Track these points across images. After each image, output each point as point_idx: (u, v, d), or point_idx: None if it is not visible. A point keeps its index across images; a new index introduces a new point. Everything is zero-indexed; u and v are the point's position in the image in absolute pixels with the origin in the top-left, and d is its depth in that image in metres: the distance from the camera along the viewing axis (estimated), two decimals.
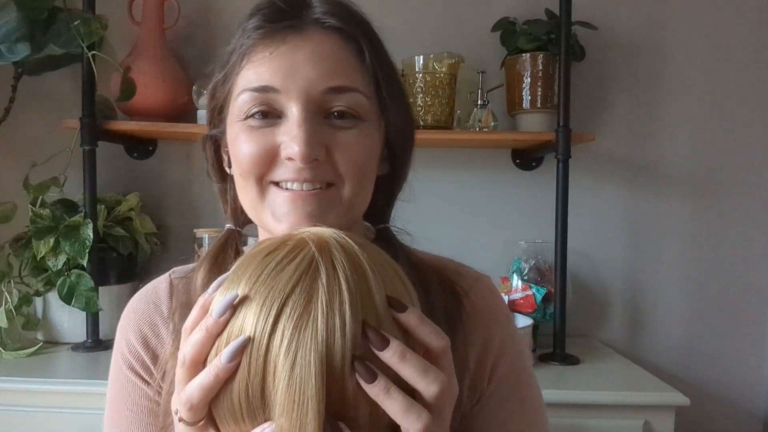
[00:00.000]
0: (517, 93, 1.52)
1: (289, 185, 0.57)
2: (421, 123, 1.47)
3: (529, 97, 1.50)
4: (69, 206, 1.42)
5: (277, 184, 0.57)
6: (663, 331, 1.66)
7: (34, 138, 1.60)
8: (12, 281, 1.39)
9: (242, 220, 0.67)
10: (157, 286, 0.70)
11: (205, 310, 0.47)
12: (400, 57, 1.50)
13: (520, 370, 0.66)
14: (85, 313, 1.37)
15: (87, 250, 1.33)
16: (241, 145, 0.57)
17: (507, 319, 0.68)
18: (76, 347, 1.39)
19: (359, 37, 0.59)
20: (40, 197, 1.39)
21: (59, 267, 1.34)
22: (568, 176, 1.38)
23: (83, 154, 1.38)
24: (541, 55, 1.48)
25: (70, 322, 1.42)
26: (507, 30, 1.55)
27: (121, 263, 1.49)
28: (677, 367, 1.64)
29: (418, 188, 1.75)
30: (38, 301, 1.44)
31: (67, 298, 1.33)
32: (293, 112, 0.55)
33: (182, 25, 1.59)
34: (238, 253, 0.66)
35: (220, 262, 0.65)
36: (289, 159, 0.55)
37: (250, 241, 1.57)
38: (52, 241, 1.33)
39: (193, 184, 1.66)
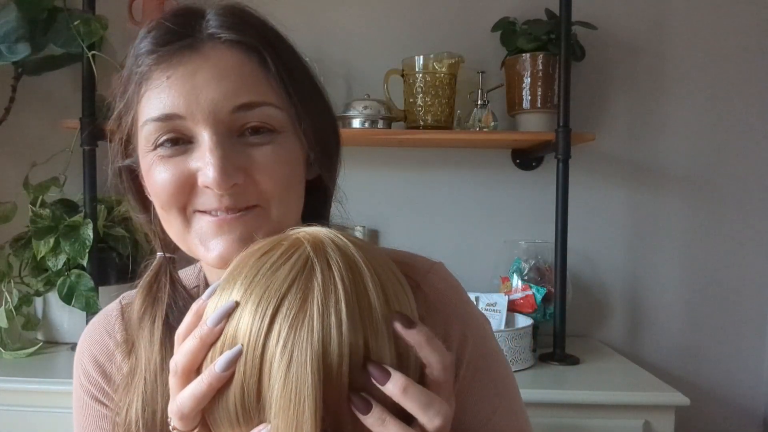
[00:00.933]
0: (517, 93, 1.52)
1: (213, 213, 0.55)
2: (421, 123, 1.48)
3: (529, 97, 1.50)
4: (69, 206, 1.42)
5: (201, 211, 0.56)
6: (663, 331, 1.66)
7: (34, 138, 1.60)
8: (12, 281, 1.39)
9: (172, 246, 0.63)
10: (108, 314, 0.69)
11: (199, 317, 0.47)
12: (401, 57, 1.50)
13: (486, 351, 0.65)
14: (85, 313, 1.37)
15: (87, 250, 1.33)
16: (156, 178, 0.55)
17: (464, 304, 0.66)
18: (76, 347, 1.39)
19: (260, 46, 0.55)
20: (40, 197, 1.39)
21: (59, 267, 1.34)
22: (568, 176, 1.38)
23: (83, 154, 1.38)
24: (541, 55, 1.48)
25: (70, 322, 1.42)
26: (507, 30, 1.55)
27: (121, 263, 1.49)
28: (677, 367, 1.64)
29: (419, 188, 1.76)
30: (38, 301, 1.44)
31: (67, 298, 1.33)
32: (204, 137, 0.53)
33: None
34: (172, 281, 0.64)
35: (154, 292, 0.63)
36: (207, 187, 0.53)
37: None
38: (52, 241, 1.33)
39: None
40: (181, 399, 0.44)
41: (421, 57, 1.46)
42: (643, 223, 1.66)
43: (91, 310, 1.35)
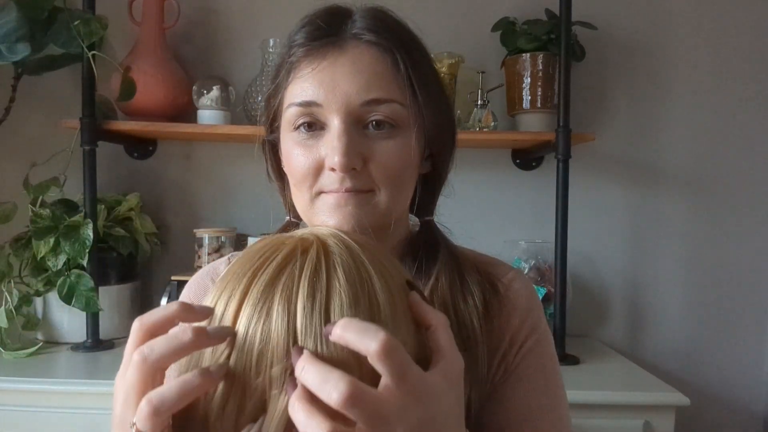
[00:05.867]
0: (517, 93, 1.52)
1: (334, 192, 0.62)
2: None
3: (529, 97, 1.50)
4: (69, 206, 1.41)
5: (324, 192, 0.63)
6: (663, 331, 1.66)
7: (34, 138, 1.60)
8: (12, 281, 1.39)
9: (296, 213, 0.72)
10: (217, 266, 0.76)
11: (187, 311, 0.44)
12: None
13: (545, 349, 0.71)
14: (85, 313, 1.37)
15: (87, 250, 1.33)
16: (294, 160, 0.64)
17: (538, 307, 0.74)
18: (76, 347, 1.39)
19: (394, 49, 0.63)
20: (40, 197, 1.39)
21: (59, 267, 1.34)
22: (568, 176, 1.38)
23: (83, 154, 1.38)
24: (541, 55, 1.48)
25: (70, 322, 1.42)
26: (507, 30, 1.55)
27: (121, 263, 1.49)
28: (677, 367, 1.64)
29: None
30: (38, 301, 1.44)
31: (67, 298, 1.33)
32: (334, 124, 0.61)
33: (182, 25, 1.59)
34: None
35: None
36: (332, 169, 0.61)
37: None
38: (52, 241, 1.33)
39: (193, 184, 1.66)
40: (166, 393, 0.41)
41: None
42: (643, 223, 1.66)
43: (91, 310, 1.35)
